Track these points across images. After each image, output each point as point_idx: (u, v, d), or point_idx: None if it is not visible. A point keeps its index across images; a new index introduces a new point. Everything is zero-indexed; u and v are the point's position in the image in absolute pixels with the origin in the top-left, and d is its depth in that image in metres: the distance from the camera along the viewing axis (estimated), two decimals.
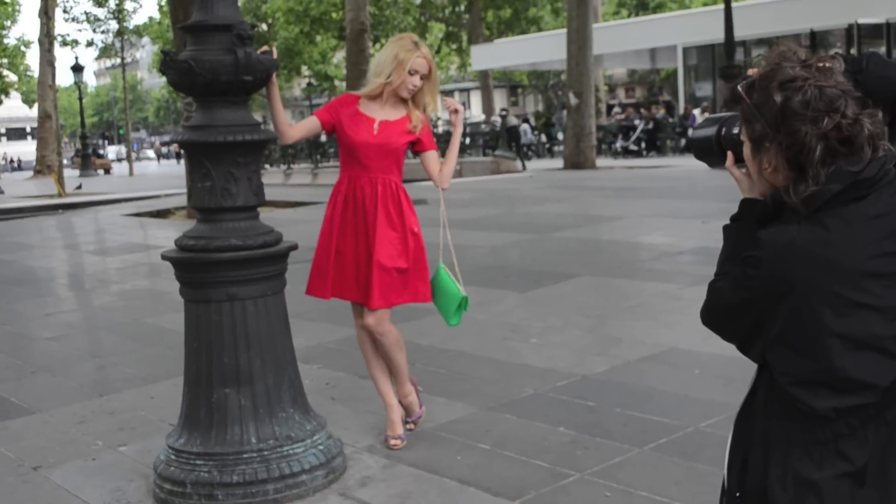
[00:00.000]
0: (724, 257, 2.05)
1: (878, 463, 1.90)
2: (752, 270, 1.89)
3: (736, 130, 2.06)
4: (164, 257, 4.27)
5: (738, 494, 2.02)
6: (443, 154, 4.78)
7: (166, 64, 4.04)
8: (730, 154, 2.07)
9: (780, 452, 1.94)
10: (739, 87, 1.93)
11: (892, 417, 1.90)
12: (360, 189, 4.52)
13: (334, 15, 40.00)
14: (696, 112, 29.88)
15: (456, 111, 4.58)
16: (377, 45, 41.13)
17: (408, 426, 4.79)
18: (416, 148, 4.63)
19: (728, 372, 5.35)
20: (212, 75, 3.95)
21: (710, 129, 2.15)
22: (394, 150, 4.55)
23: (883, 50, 26.19)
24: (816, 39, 27.69)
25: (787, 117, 1.84)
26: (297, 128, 4.68)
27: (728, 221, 2.08)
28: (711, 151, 2.14)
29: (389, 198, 4.52)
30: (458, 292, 4.61)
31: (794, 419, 1.92)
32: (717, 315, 2.04)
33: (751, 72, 1.96)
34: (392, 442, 4.63)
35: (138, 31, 45.25)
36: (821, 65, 1.87)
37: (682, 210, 12.88)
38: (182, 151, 4.33)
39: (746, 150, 1.97)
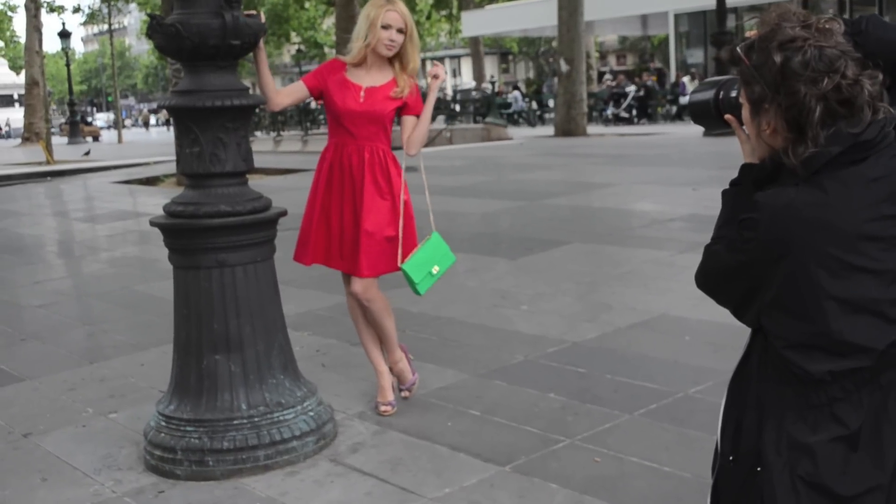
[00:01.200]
0: (721, 221, 2.03)
1: (872, 427, 1.90)
2: (750, 233, 1.88)
3: (734, 94, 2.05)
4: (152, 224, 4.24)
5: (731, 458, 2.02)
6: None
7: (153, 28, 3.99)
8: (731, 117, 2.05)
9: (774, 416, 1.94)
10: (739, 49, 1.92)
11: (887, 381, 1.90)
12: (346, 157, 4.49)
13: None
14: (686, 80, 29.79)
15: (435, 76, 4.51)
16: None
17: (402, 393, 4.79)
18: (402, 112, 4.59)
19: (718, 338, 5.36)
20: (199, 39, 3.91)
21: (707, 92, 2.13)
22: (380, 117, 4.51)
23: None
24: (809, 5, 27.60)
25: (786, 78, 1.82)
26: (284, 93, 4.65)
27: (725, 187, 2.06)
28: (709, 115, 2.13)
29: (377, 165, 4.49)
30: (449, 254, 4.62)
31: (789, 383, 1.91)
32: (712, 278, 2.03)
33: (749, 34, 1.94)
34: (382, 408, 4.63)
35: None
36: (821, 26, 1.85)
37: (673, 177, 12.87)
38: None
39: (745, 113, 1.96)
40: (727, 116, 2.06)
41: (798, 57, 1.81)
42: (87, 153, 28.29)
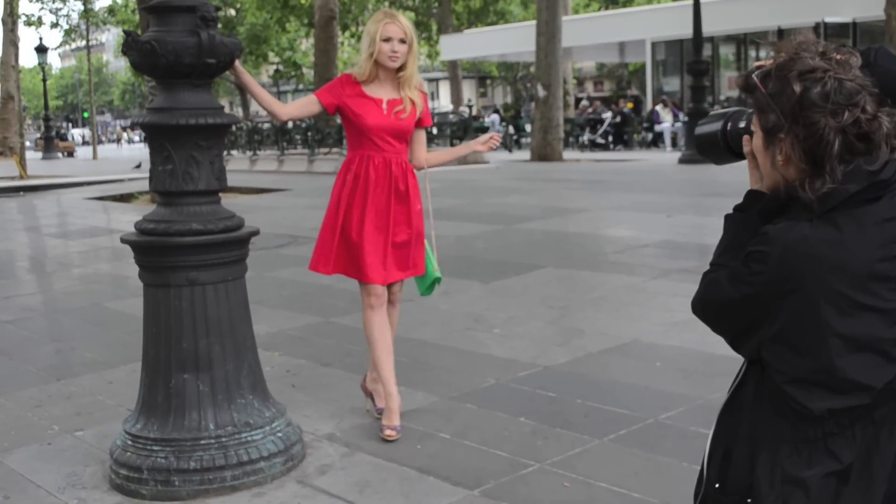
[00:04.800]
0: (722, 248, 2.01)
1: (863, 461, 1.90)
2: (759, 266, 1.85)
3: (742, 125, 2.02)
4: (123, 241, 4.22)
5: (717, 485, 2.01)
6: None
7: (128, 45, 3.98)
8: (746, 138, 2.00)
9: (768, 450, 1.92)
10: (754, 76, 1.89)
11: (880, 417, 1.90)
12: (373, 168, 4.54)
13: (303, 1, 39.75)
14: (659, 108, 29.99)
15: (489, 147, 4.76)
16: (346, 33, 41.00)
17: (375, 414, 4.78)
18: (416, 125, 4.68)
19: (689, 365, 5.38)
20: (174, 57, 3.90)
21: (715, 124, 2.10)
22: (405, 132, 4.60)
23: None
24: (783, 37, 27.83)
25: (805, 108, 1.79)
26: (293, 106, 4.76)
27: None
28: (717, 147, 2.09)
29: (401, 177, 4.58)
30: (432, 272, 4.81)
31: (785, 417, 1.90)
32: (712, 309, 2.00)
33: (761, 63, 1.92)
34: (388, 432, 4.53)
35: (103, 19, 44.71)
36: (840, 57, 1.83)
37: (648, 204, 12.93)
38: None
39: (758, 141, 1.92)
40: (745, 137, 2.00)
41: (818, 88, 1.79)
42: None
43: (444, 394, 5.18)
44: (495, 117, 36.11)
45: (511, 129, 35.45)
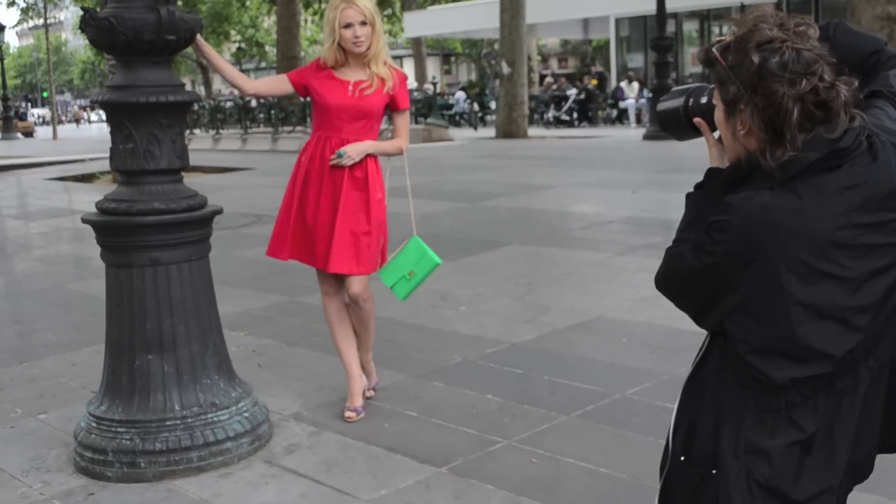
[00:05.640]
0: (684, 224, 2.02)
1: (825, 431, 1.92)
2: (720, 234, 1.87)
3: (704, 100, 2.04)
4: (84, 221, 4.16)
5: (682, 458, 2.02)
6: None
7: (87, 21, 3.91)
8: (701, 120, 2.04)
9: (731, 420, 1.94)
10: (714, 49, 1.90)
11: (842, 387, 1.91)
12: (329, 149, 4.43)
13: None
14: (623, 84, 30.06)
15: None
16: (308, 10, 40.64)
17: (367, 393, 4.74)
18: (392, 108, 4.57)
19: (655, 340, 5.40)
20: (133, 34, 3.84)
21: (677, 100, 2.11)
22: (368, 112, 4.47)
23: None
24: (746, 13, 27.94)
25: (763, 78, 1.81)
26: (261, 83, 4.74)
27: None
28: (679, 123, 2.11)
29: (358, 162, 4.45)
30: (429, 258, 4.59)
31: (748, 387, 1.91)
32: (676, 281, 2.01)
33: (721, 38, 1.92)
34: (348, 413, 4.51)
35: None
36: (798, 28, 1.85)
37: (613, 180, 12.96)
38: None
39: (719, 114, 1.94)
40: (696, 120, 2.05)
41: (776, 58, 1.81)
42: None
43: (412, 372, 5.18)
44: (461, 94, 36.02)
45: (476, 107, 35.41)
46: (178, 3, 3.98)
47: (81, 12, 3.95)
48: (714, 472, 1.96)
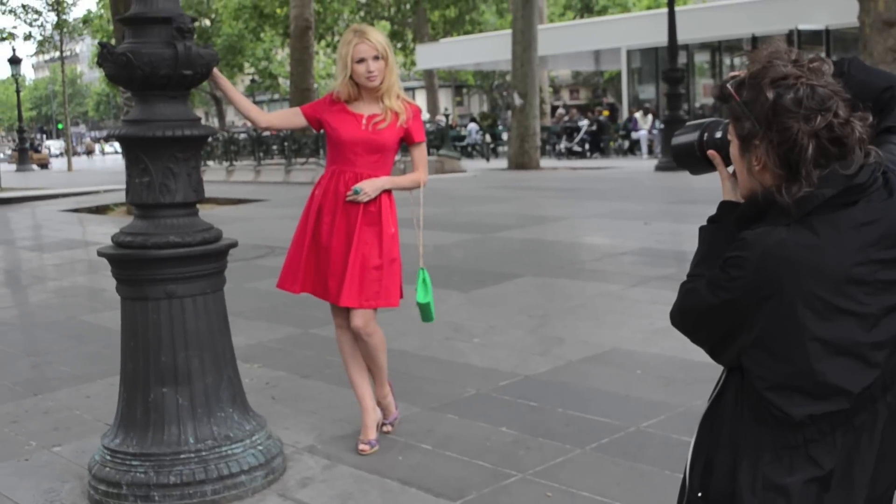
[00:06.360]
0: (698, 258, 2.02)
1: (844, 467, 1.91)
2: (737, 271, 1.86)
3: (718, 135, 2.04)
4: (100, 254, 4.18)
5: (699, 495, 2.01)
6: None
7: (104, 57, 3.95)
8: (714, 153, 2.04)
9: (749, 457, 1.93)
10: (729, 85, 1.91)
11: (860, 423, 1.91)
12: (343, 183, 4.42)
13: (279, 11, 39.68)
14: (638, 115, 30.15)
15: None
16: (322, 43, 40.94)
17: (384, 428, 4.73)
18: (407, 142, 4.56)
19: (669, 372, 5.38)
20: (150, 69, 3.87)
21: (691, 134, 2.12)
22: (382, 147, 4.46)
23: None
24: (757, 45, 28.02)
25: (778, 114, 1.82)
26: (275, 116, 4.73)
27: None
28: (694, 157, 2.11)
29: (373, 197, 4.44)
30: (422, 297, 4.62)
31: (765, 423, 1.91)
32: (691, 317, 2.00)
33: (735, 73, 1.93)
34: (361, 447, 4.50)
35: (77, 29, 44.48)
36: (812, 65, 1.86)
37: (625, 211, 12.96)
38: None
39: (734, 149, 1.95)
40: (710, 152, 2.05)
41: (790, 94, 1.81)
42: None
43: (425, 404, 5.16)
44: (473, 126, 36.15)
45: (488, 138, 35.53)
46: (194, 37, 4.01)
47: (98, 46, 3.99)
48: None
